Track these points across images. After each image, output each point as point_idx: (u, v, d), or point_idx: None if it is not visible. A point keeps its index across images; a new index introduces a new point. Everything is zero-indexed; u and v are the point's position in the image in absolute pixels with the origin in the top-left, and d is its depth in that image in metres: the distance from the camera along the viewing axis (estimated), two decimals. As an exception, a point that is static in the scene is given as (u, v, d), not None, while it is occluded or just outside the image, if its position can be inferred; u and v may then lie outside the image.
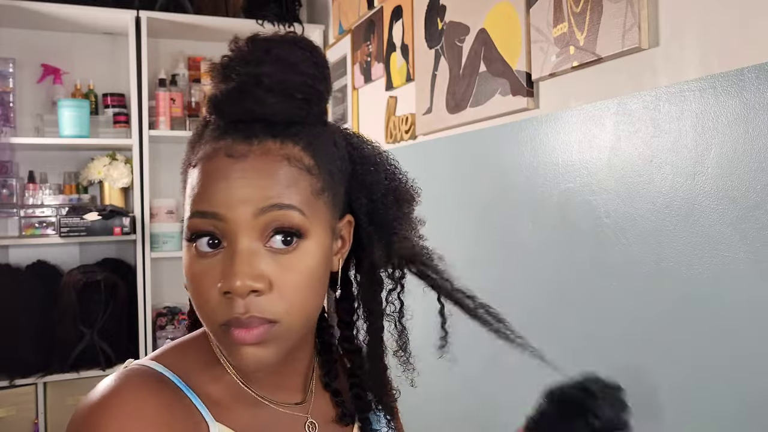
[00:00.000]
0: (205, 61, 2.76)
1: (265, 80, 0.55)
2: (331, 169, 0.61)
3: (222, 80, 0.58)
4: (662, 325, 1.02)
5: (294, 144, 0.57)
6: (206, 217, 0.55)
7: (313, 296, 0.58)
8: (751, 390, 0.88)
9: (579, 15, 1.18)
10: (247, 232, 0.55)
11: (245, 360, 0.55)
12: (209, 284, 0.55)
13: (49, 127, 2.52)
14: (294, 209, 0.55)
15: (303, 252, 0.56)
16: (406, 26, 1.90)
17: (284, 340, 0.57)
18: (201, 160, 0.57)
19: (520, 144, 1.37)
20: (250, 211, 0.54)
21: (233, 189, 0.54)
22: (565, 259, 1.24)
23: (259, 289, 0.54)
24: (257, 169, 0.55)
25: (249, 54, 0.57)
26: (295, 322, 0.57)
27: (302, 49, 0.58)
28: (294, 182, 0.56)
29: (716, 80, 0.92)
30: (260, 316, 0.54)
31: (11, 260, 2.55)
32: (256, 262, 0.54)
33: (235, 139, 0.56)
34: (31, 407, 2.36)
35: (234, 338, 0.55)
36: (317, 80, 0.58)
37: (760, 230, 0.86)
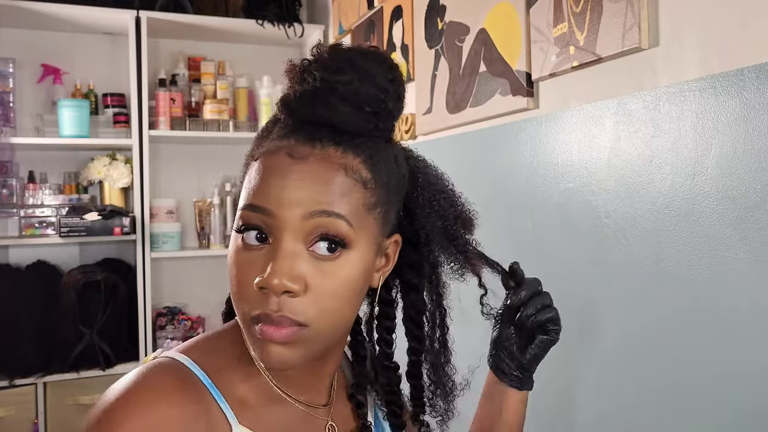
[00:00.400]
0: (205, 60, 2.76)
1: (340, 88, 0.57)
2: (387, 185, 0.61)
3: (298, 82, 0.59)
4: (662, 325, 1.02)
5: (355, 155, 0.58)
6: (257, 211, 0.56)
7: (346, 306, 0.59)
8: (750, 390, 0.88)
9: (579, 15, 1.18)
10: (293, 233, 0.56)
11: (269, 357, 0.56)
12: (249, 276, 0.56)
13: (49, 127, 2.52)
14: (342, 219, 0.56)
15: (344, 262, 0.57)
16: (406, 26, 1.90)
17: (311, 344, 0.58)
18: (263, 155, 0.59)
19: (520, 144, 1.37)
20: (300, 213, 0.55)
21: (288, 189, 0.56)
22: (565, 259, 1.24)
23: (294, 290, 0.55)
24: (314, 173, 0.56)
25: (329, 60, 0.58)
26: (325, 329, 0.58)
27: (381, 64, 0.59)
28: (347, 192, 0.57)
29: (716, 80, 0.92)
30: (291, 317, 0.55)
31: (11, 260, 2.55)
32: (297, 263, 0.55)
33: (299, 140, 0.57)
34: (30, 407, 2.36)
35: (263, 333, 0.56)
36: (390, 97, 0.59)
37: (760, 230, 0.86)
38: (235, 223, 0.59)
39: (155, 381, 0.57)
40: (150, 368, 0.58)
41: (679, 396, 0.99)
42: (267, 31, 2.69)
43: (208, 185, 2.81)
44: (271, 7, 2.64)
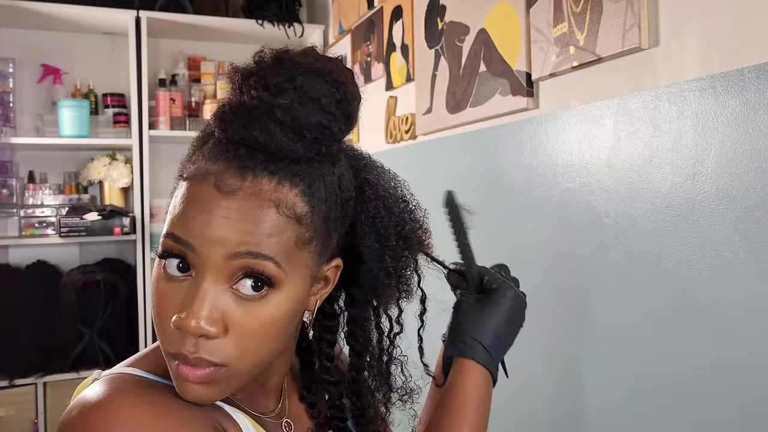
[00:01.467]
0: (205, 60, 2.76)
1: (278, 112, 0.52)
2: (327, 216, 0.57)
3: (236, 93, 0.54)
4: (662, 325, 1.02)
5: (291, 186, 0.54)
6: (179, 242, 0.53)
7: (270, 345, 0.56)
8: (750, 390, 0.88)
9: (579, 15, 1.18)
10: (215, 273, 0.52)
11: (186, 395, 0.54)
12: (168, 310, 0.53)
13: (49, 127, 2.52)
14: (269, 260, 0.52)
15: (271, 302, 0.54)
16: (406, 26, 1.90)
17: (230, 382, 0.55)
18: (191, 179, 0.54)
19: (520, 144, 1.37)
20: (224, 253, 0.52)
21: (212, 226, 0.51)
22: (565, 259, 1.24)
23: (212, 333, 0.52)
24: (242, 211, 0.52)
25: (271, 76, 0.53)
26: (245, 368, 0.55)
27: (329, 83, 0.54)
28: (278, 231, 0.53)
29: (716, 80, 0.92)
30: (208, 359, 0.52)
31: (11, 260, 2.55)
32: (217, 303, 0.52)
33: (230, 167, 0.53)
34: (30, 407, 2.36)
35: (179, 372, 0.53)
36: (335, 120, 0.54)
37: (760, 230, 0.86)
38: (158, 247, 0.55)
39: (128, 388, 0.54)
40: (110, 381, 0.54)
41: (680, 396, 0.99)
42: (267, 31, 2.69)
43: (208, 185, 2.80)
44: (271, 7, 2.64)
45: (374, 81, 2.14)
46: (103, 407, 0.51)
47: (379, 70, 2.09)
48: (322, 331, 0.69)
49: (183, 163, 0.58)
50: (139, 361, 0.60)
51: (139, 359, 0.61)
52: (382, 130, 2.04)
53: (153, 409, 0.52)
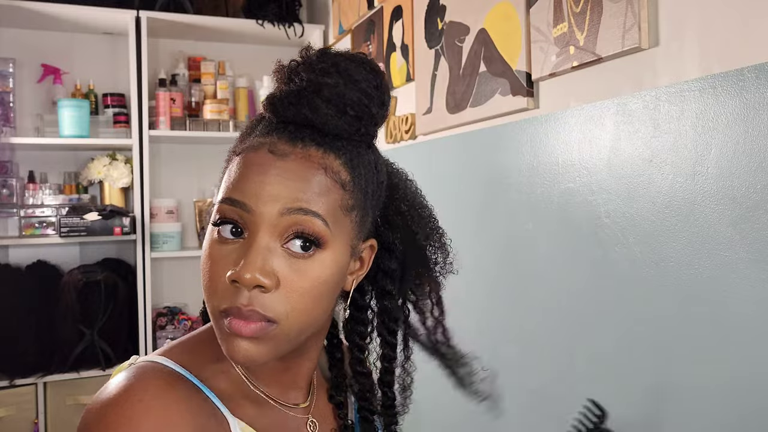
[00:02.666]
0: (205, 60, 2.76)
1: (325, 90, 0.57)
2: (365, 190, 0.62)
3: (285, 82, 0.60)
4: (662, 325, 1.02)
5: (336, 157, 0.59)
6: (235, 205, 0.57)
7: (317, 306, 0.59)
8: (751, 390, 0.88)
9: (579, 15, 1.18)
10: (269, 229, 0.56)
11: (236, 352, 0.56)
12: (221, 269, 0.56)
13: (49, 127, 2.51)
14: (318, 217, 0.56)
15: (318, 261, 0.57)
16: (406, 26, 1.90)
17: (279, 342, 0.57)
18: (245, 150, 0.59)
19: (520, 144, 1.37)
20: (277, 209, 0.56)
21: (267, 184, 0.56)
22: (565, 259, 1.24)
23: (266, 285, 0.55)
24: (294, 171, 0.57)
25: (316, 63, 0.59)
26: (293, 327, 0.57)
27: (368, 70, 0.60)
28: (326, 192, 0.57)
29: (716, 80, 0.92)
30: (261, 312, 0.55)
31: (11, 260, 2.55)
32: (270, 259, 0.56)
33: (281, 138, 0.58)
34: (31, 407, 2.36)
35: (231, 327, 0.55)
36: (373, 102, 0.60)
37: (760, 230, 0.86)
38: (212, 215, 0.59)
39: (149, 381, 0.56)
40: (136, 371, 0.58)
41: (680, 395, 0.99)
42: (267, 31, 2.69)
43: (208, 185, 2.81)
44: (271, 7, 2.64)
45: (374, 81, 2.14)
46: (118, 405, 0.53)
47: (379, 70, 2.09)
48: (354, 323, 0.71)
49: (234, 146, 0.63)
50: (174, 350, 0.63)
51: (174, 347, 0.64)
52: (382, 130, 2.04)
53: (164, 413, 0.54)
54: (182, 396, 0.57)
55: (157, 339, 2.58)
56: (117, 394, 0.54)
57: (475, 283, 1.47)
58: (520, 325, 1.39)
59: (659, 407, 1.03)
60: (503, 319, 1.44)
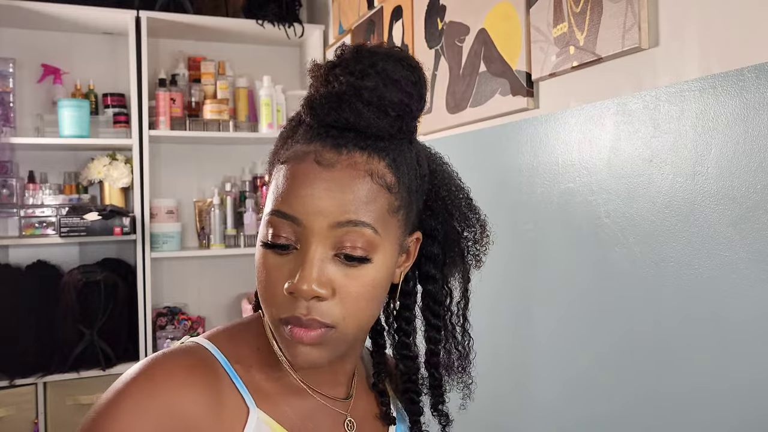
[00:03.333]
0: (205, 60, 2.76)
1: (365, 93, 0.58)
2: (410, 187, 0.63)
3: (323, 84, 0.60)
4: (662, 324, 1.02)
5: (380, 159, 0.60)
6: (285, 218, 0.58)
7: (371, 307, 0.61)
8: (751, 390, 0.88)
9: (579, 15, 1.18)
10: (320, 241, 0.58)
11: (299, 358, 0.59)
12: (278, 280, 0.59)
13: (49, 127, 2.51)
14: (368, 227, 0.58)
15: (369, 266, 0.59)
16: (406, 26, 1.90)
17: (338, 344, 0.60)
18: (290, 160, 0.60)
19: (520, 144, 1.37)
20: (327, 223, 0.57)
21: (316, 198, 0.57)
22: (565, 259, 1.24)
23: (323, 295, 0.57)
24: (341, 181, 0.57)
25: (354, 64, 0.59)
26: (350, 329, 0.60)
27: (405, 67, 0.60)
28: (373, 199, 0.58)
29: (716, 80, 0.92)
30: (320, 320, 0.58)
31: (11, 260, 2.55)
32: (325, 269, 0.58)
33: (326, 146, 0.59)
34: (31, 407, 2.36)
35: (292, 335, 0.58)
36: (413, 100, 0.60)
37: (760, 230, 0.86)
38: (262, 226, 0.61)
39: (169, 363, 0.60)
40: (170, 352, 0.62)
41: (680, 396, 0.99)
42: (267, 31, 2.69)
43: (208, 185, 2.81)
44: (271, 7, 2.64)
45: (374, 81, 2.14)
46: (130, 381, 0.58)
47: (379, 70, 2.09)
48: (401, 309, 0.72)
49: (274, 153, 0.64)
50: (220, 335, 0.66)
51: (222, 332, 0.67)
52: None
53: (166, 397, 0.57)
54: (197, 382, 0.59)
55: (157, 339, 2.58)
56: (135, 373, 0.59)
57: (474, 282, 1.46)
58: (520, 325, 1.39)
59: (659, 407, 1.03)
60: (503, 319, 1.44)
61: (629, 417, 1.09)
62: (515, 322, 1.40)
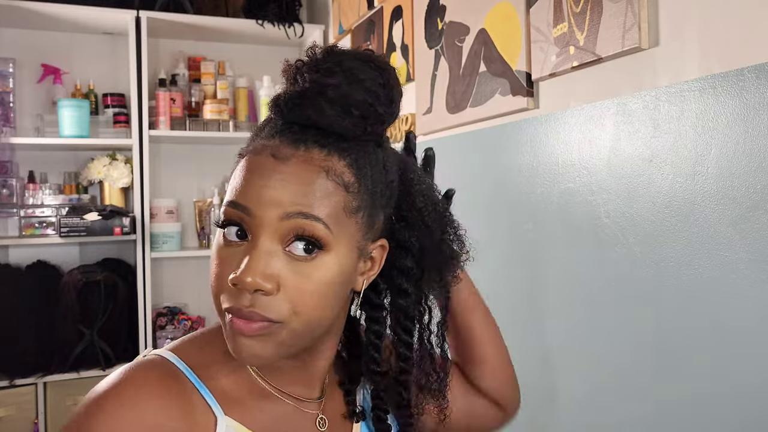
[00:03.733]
0: (205, 60, 2.76)
1: (329, 91, 0.57)
2: (373, 191, 0.61)
3: (291, 83, 0.60)
4: (662, 324, 1.02)
5: (340, 158, 0.58)
6: (238, 208, 0.58)
7: (320, 307, 0.59)
8: (751, 390, 0.88)
9: (579, 15, 1.18)
10: (270, 233, 0.57)
11: (240, 350, 0.57)
12: (225, 270, 0.57)
13: (49, 127, 2.51)
14: (319, 221, 0.57)
15: (320, 264, 0.58)
16: (406, 26, 1.90)
17: (284, 341, 0.58)
18: (249, 153, 0.60)
19: (520, 144, 1.37)
20: (278, 214, 0.56)
21: (268, 188, 0.57)
22: (565, 259, 1.24)
23: (266, 289, 0.55)
24: (295, 174, 0.57)
25: (321, 62, 0.58)
26: (299, 327, 0.58)
27: (374, 68, 0.59)
28: (327, 195, 0.57)
29: (716, 80, 0.92)
30: (262, 314, 0.56)
31: (11, 260, 2.55)
32: (271, 262, 0.56)
33: (284, 141, 0.58)
34: (31, 407, 2.36)
35: (233, 325, 0.57)
36: (379, 101, 0.59)
37: (760, 230, 0.86)
38: (220, 218, 0.60)
39: (137, 376, 0.58)
40: (135, 365, 0.60)
41: (680, 395, 0.99)
42: (267, 31, 2.69)
43: (208, 185, 2.81)
44: (271, 7, 2.64)
45: (374, 81, 2.14)
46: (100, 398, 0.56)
47: (379, 70, 2.09)
48: (369, 322, 0.71)
49: (243, 147, 0.63)
50: (183, 346, 0.65)
51: (185, 343, 0.65)
52: (382, 130, 2.04)
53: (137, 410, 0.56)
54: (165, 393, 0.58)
55: (157, 339, 2.58)
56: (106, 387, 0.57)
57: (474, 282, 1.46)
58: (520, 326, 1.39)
59: (658, 407, 1.03)
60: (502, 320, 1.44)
61: (628, 417, 1.09)
62: (514, 323, 1.40)
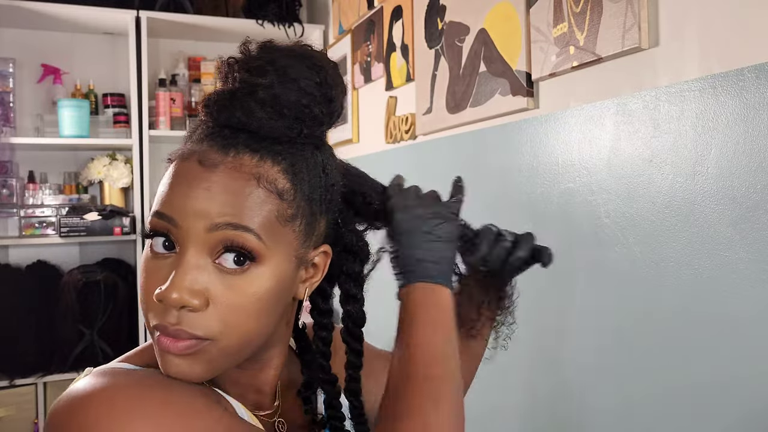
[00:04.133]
0: (205, 60, 2.76)
1: (260, 92, 0.54)
2: (310, 197, 0.58)
3: (222, 81, 0.57)
4: (662, 325, 1.02)
5: (273, 164, 0.55)
6: (163, 219, 0.54)
7: (255, 321, 0.55)
8: (751, 391, 0.88)
9: (579, 15, 1.18)
10: (197, 245, 0.53)
11: (168, 368, 0.54)
12: (152, 284, 0.54)
13: (49, 127, 2.52)
14: (250, 232, 0.53)
15: (253, 276, 0.54)
16: (406, 26, 1.90)
17: (215, 358, 0.54)
18: (177, 159, 0.56)
19: (520, 144, 1.37)
20: (204, 225, 0.52)
21: (193, 199, 0.53)
22: (565, 259, 1.24)
23: (193, 305, 0.52)
24: (222, 184, 0.53)
25: (253, 60, 0.55)
26: (231, 343, 0.54)
27: (309, 66, 0.56)
28: (258, 204, 0.53)
29: (716, 80, 0.92)
30: (189, 331, 0.52)
31: (11, 260, 2.55)
32: (199, 277, 0.53)
33: (213, 146, 0.54)
34: (31, 407, 2.36)
35: (160, 344, 0.53)
36: (315, 101, 0.56)
37: (760, 230, 0.86)
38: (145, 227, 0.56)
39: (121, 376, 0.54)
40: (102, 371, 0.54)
41: (680, 396, 0.99)
42: (267, 31, 2.69)
43: (208, 185, 2.80)
44: (271, 7, 2.64)
45: (374, 81, 2.14)
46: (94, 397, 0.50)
47: (379, 70, 2.09)
48: (317, 329, 0.68)
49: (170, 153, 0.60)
50: (132, 357, 0.61)
51: (132, 355, 0.61)
52: (382, 130, 2.04)
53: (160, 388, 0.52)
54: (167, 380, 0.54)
55: (157, 339, 2.58)
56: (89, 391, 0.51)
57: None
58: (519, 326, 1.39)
59: (659, 407, 1.03)
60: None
61: (628, 417, 1.09)
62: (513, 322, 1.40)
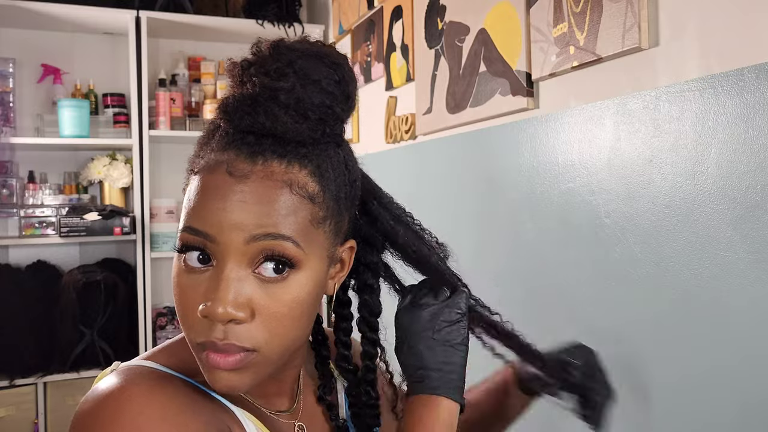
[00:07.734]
0: (205, 60, 2.76)
1: (282, 96, 0.53)
2: (337, 196, 0.58)
3: (238, 85, 0.56)
4: (662, 325, 1.02)
5: (301, 167, 0.54)
6: (198, 234, 0.53)
7: (296, 327, 0.56)
8: (751, 391, 0.88)
9: (579, 15, 1.18)
10: (236, 258, 0.52)
11: (218, 384, 0.54)
12: (193, 300, 0.53)
13: (49, 127, 2.52)
14: (288, 240, 0.53)
15: (293, 283, 0.54)
16: (406, 26, 1.90)
17: (261, 367, 0.55)
18: (203, 171, 0.54)
19: (520, 144, 1.37)
20: (243, 237, 0.52)
21: (228, 212, 0.52)
22: (565, 259, 1.24)
23: (240, 318, 0.52)
24: (256, 194, 0.52)
25: (270, 63, 0.54)
26: (275, 352, 0.55)
27: (327, 65, 0.55)
28: (293, 211, 0.53)
29: (716, 80, 0.92)
30: (238, 344, 0.52)
31: (11, 260, 2.55)
32: (242, 289, 0.52)
33: (240, 155, 0.53)
34: (31, 407, 2.36)
35: (209, 361, 0.53)
36: (336, 101, 0.56)
37: (760, 230, 0.86)
38: (176, 242, 0.55)
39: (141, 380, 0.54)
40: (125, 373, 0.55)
41: (680, 396, 0.99)
42: (267, 31, 2.68)
43: (208, 185, 2.80)
44: (271, 7, 2.64)
45: (374, 81, 2.14)
46: (114, 398, 0.51)
47: (379, 70, 2.09)
48: (339, 320, 0.69)
49: (191, 161, 0.58)
50: (157, 355, 0.61)
51: (157, 352, 0.61)
52: (382, 130, 2.04)
53: (163, 402, 0.52)
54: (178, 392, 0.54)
55: (157, 339, 2.58)
56: (109, 392, 0.52)
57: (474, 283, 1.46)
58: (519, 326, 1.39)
59: (659, 407, 1.03)
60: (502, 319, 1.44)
61: (626, 418, 1.09)
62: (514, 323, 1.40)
